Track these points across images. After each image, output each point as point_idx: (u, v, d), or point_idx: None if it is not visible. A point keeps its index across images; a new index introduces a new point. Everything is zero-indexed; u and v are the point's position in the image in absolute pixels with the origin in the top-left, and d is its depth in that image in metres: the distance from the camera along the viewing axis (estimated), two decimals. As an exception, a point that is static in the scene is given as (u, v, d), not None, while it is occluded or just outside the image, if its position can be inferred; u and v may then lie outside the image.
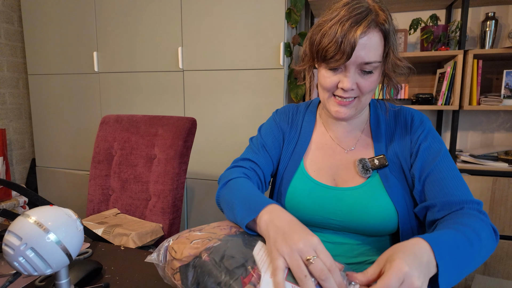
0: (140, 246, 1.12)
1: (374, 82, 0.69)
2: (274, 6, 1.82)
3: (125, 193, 1.38)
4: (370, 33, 0.64)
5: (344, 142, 0.81)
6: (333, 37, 0.63)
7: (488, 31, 1.84)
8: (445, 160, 0.71)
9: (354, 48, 0.62)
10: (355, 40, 0.62)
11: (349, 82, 0.67)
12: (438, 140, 0.75)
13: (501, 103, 1.76)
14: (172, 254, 0.55)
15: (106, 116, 1.47)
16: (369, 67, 0.66)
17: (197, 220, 2.13)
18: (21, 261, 0.46)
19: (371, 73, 0.67)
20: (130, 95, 2.18)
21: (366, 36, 0.64)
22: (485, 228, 0.60)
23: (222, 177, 0.79)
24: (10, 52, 2.47)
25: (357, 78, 0.67)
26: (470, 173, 1.72)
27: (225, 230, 0.60)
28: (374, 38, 0.64)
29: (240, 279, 0.46)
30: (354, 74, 0.67)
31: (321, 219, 0.75)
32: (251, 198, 0.64)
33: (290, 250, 0.48)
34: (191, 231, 0.59)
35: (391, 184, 0.72)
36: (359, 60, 0.65)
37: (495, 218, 1.71)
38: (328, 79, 0.70)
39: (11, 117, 2.49)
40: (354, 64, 0.66)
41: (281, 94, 1.88)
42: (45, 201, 0.79)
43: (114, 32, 2.14)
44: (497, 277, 1.73)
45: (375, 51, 0.65)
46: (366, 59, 0.65)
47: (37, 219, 0.47)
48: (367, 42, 0.64)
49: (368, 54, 0.64)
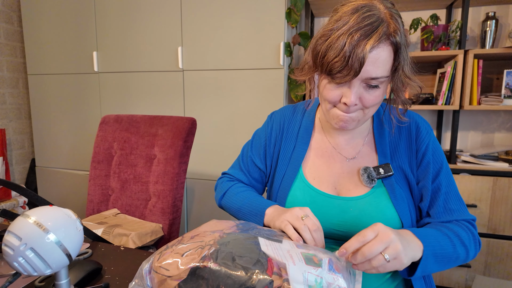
0: (140, 246, 1.11)
1: (379, 97, 0.64)
2: (274, 5, 1.82)
3: (125, 193, 1.38)
4: (381, 47, 0.59)
5: (345, 150, 0.78)
6: (340, 50, 0.58)
7: (488, 30, 1.84)
8: (447, 173, 0.73)
9: (363, 64, 0.58)
10: (365, 55, 0.57)
11: (352, 98, 0.62)
12: (441, 151, 0.75)
13: (501, 103, 1.76)
14: (165, 273, 0.51)
15: (106, 116, 1.46)
16: (375, 82, 0.61)
17: (197, 220, 2.13)
18: (20, 261, 0.46)
19: (377, 87, 0.63)
20: (130, 95, 2.17)
21: (376, 51, 0.58)
22: (470, 236, 0.68)
23: (217, 187, 0.92)
24: (10, 52, 2.46)
25: (361, 92, 0.63)
26: (470, 173, 1.72)
27: (210, 236, 0.57)
28: (384, 53, 0.59)
29: (266, 272, 0.47)
30: (359, 88, 0.63)
31: (324, 229, 0.72)
32: (252, 206, 0.77)
33: (290, 215, 0.65)
34: (173, 246, 0.55)
35: (397, 194, 0.71)
36: (365, 75, 0.60)
37: (495, 218, 1.71)
38: (331, 92, 0.65)
39: (11, 117, 2.49)
40: (360, 79, 0.61)
41: (281, 94, 1.87)
42: (45, 201, 0.79)
43: (114, 32, 2.14)
44: (497, 278, 1.72)
45: (383, 66, 0.60)
46: (373, 75, 0.60)
47: (36, 219, 0.47)
48: (376, 56, 0.59)
49: (375, 69, 0.60)
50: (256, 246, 0.53)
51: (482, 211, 1.72)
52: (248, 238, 0.56)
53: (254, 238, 0.56)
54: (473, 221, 0.71)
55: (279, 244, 0.55)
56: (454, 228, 0.67)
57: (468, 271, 1.76)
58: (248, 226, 0.62)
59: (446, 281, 1.79)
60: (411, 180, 0.73)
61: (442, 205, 0.71)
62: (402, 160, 0.74)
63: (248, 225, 0.63)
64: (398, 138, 0.76)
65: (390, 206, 0.70)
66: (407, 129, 0.76)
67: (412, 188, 0.73)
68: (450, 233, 0.66)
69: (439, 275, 1.80)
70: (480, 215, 1.72)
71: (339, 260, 0.55)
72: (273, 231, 0.63)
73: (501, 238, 1.71)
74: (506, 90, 1.80)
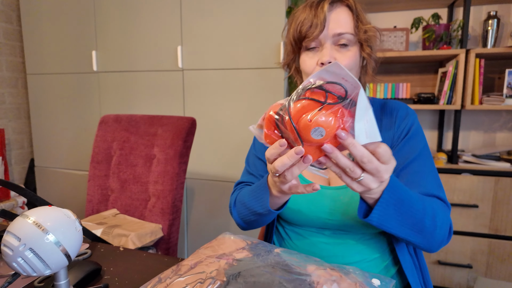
0: (139, 247, 1.11)
1: (352, 57, 0.71)
2: (274, 5, 1.81)
3: (124, 194, 1.37)
4: (338, 8, 0.71)
5: None
6: (305, 17, 0.70)
7: (490, 30, 1.84)
8: (425, 157, 0.73)
9: (325, 19, 0.69)
10: (324, 14, 0.68)
11: (325, 55, 0.70)
12: (421, 135, 0.76)
13: (503, 103, 1.75)
14: None
15: (105, 116, 1.46)
16: (343, 40, 0.70)
17: (197, 220, 2.12)
18: (20, 261, 0.45)
19: (347, 46, 0.71)
20: (129, 94, 2.17)
21: (334, 11, 0.70)
22: (444, 215, 0.64)
23: (231, 201, 0.87)
24: (9, 51, 2.46)
25: (334, 53, 0.71)
26: (472, 173, 1.72)
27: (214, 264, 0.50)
28: (342, 12, 0.70)
29: None
30: (331, 49, 0.70)
31: (317, 219, 0.75)
32: (255, 191, 0.72)
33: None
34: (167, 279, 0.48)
35: None
36: (331, 32, 0.69)
37: (497, 218, 1.70)
38: (308, 61, 0.73)
39: (10, 117, 2.48)
40: (329, 39, 0.70)
41: (281, 94, 1.87)
42: (44, 201, 0.78)
43: (113, 31, 2.14)
44: (498, 279, 1.72)
45: (345, 24, 0.70)
46: (338, 30, 0.69)
47: (36, 220, 0.47)
48: (336, 15, 0.70)
49: (339, 25, 0.69)
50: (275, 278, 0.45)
51: (484, 211, 1.71)
52: (265, 266, 0.48)
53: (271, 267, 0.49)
54: (448, 208, 0.69)
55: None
56: (428, 199, 0.65)
57: (470, 271, 1.76)
58: (262, 247, 0.55)
59: (448, 282, 1.79)
60: None
61: (414, 180, 0.71)
62: (385, 141, 0.76)
63: (263, 245, 0.57)
64: (380, 120, 0.79)
65: None
66: (389, 111, 0.79)
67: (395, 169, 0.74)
68: (424, 198, 0.63)
69: (439, 275, 1.79)
70: (482, 215, 1.72)
71: None
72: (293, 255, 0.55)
73: (503, 239, 1.71)
74: (508, 90, 1.79)
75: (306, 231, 0.78)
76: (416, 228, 0.60)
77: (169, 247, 1.26)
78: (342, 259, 0.74)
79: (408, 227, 0.60)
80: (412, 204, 0.59)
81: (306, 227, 0.78)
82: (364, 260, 0.74)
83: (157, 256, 0.77)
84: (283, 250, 0.58)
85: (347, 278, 0.49)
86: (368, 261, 0.73)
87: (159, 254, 0.80)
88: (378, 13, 2.13)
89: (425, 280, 0.76)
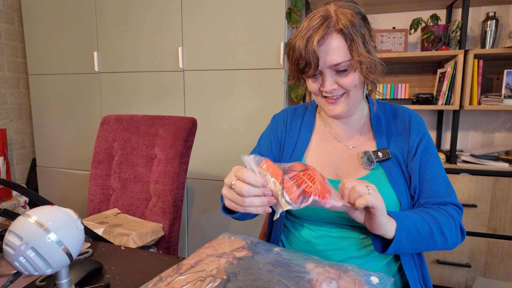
0: (140, 246, 1.12)
1: (353, 78, 0.72)
2: (274, 6, 1.82)
3: (125, 193, 1.38)
4: (329, 39, 0.69)
5: (345, 139, 0.84)
6: (298, 51, 0.71)
7: (488, 31, 1.84)
8: (437, 162, 0.79)
9: (317, 56, 0.69)
10: (314, 49, 0.68)
11: (327, 85, 0.72)
12: (432, 142, 0.81)
13: (501, 103, 1.76)
14: None
15: (107, 116, 1.47)
16: (340, 67, 0.70)
17: (197, 220, 2.13)
18: (21, 261, 0.46)
19: (346, 71, 0.71)
20: (131, 95, 2.18)
21: (325, 43, 0.69)
22: (451, 223, 0.71)
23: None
24: (11, 52, 2.47)
25: (336, 78, 0.72)
26: (470, 173, 1.72)
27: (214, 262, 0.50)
28: (334, 42, 0.69)
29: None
30: (332, 76, 0.72)
31: (326, 213, 0.76)
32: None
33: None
34: (168, 278, 0.48)
35: (394, 176, 0.76)
36: (327, 64, 0.70)
37: (495, 218, 1.71)
38: (312, 85, 0.76)
39: (12, 117, 2.49)
40: (327, 68, 0.71)
41: (281, 94, 1.87)
42: (46, 201, 0.79)
43: (114, 32, 2.14)
44: (497, 278, 1.72)
45: (339, 53, 0.69)
46: (334, 62, 0.70)
47: (37, 219, 0.47)
48: (328, 47, 0.69)
49: (333, 57, 0.69)
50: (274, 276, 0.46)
51: (482, 211, 1.72)
52: (264, 264, 0.49)
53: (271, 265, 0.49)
54: (460, 209, 0.76)
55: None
56: (434, 214, 0.71)
57: (468, 271, 1.76)
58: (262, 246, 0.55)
59: (446, 281, 1.79)
60: (403, 165, 0.79)
61: (430, 188, 0.76)
62: (397, 146, 0.80)
63: (262, 244, 0.57)
64: (393, 126, 0.83)
65: (388, 187, 0.75)
66: (402, 118, 0.83)
67: (404, 173, 0.79)
68: (429, 219, 0.69)
69: (438, 274, 1.80)
70: (480, 215, 1.72)
71: None
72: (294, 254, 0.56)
73: (502, 238, 1.71)
74: (506, 90, 1.80)
75: (313, 225, 0.80)
76: (429, 246, 0.69)
77: (170, 246, 1.27)
78: (347, 253, 0.75)
79: (422, 248, 0.68)
80: (420, 232, 0.67)
81: (315, 221, 0.80)
82: (367, 256, 0.75)
83: (158, 255, 0.78)
84: (283, 249, 0.59)
85: (345, 276, 0.51)
86: (371, 257, 0.75)
87: (160, 253, 0.81)
88: (377, 14, 2.13)
89: (425, 279, 0.77)
